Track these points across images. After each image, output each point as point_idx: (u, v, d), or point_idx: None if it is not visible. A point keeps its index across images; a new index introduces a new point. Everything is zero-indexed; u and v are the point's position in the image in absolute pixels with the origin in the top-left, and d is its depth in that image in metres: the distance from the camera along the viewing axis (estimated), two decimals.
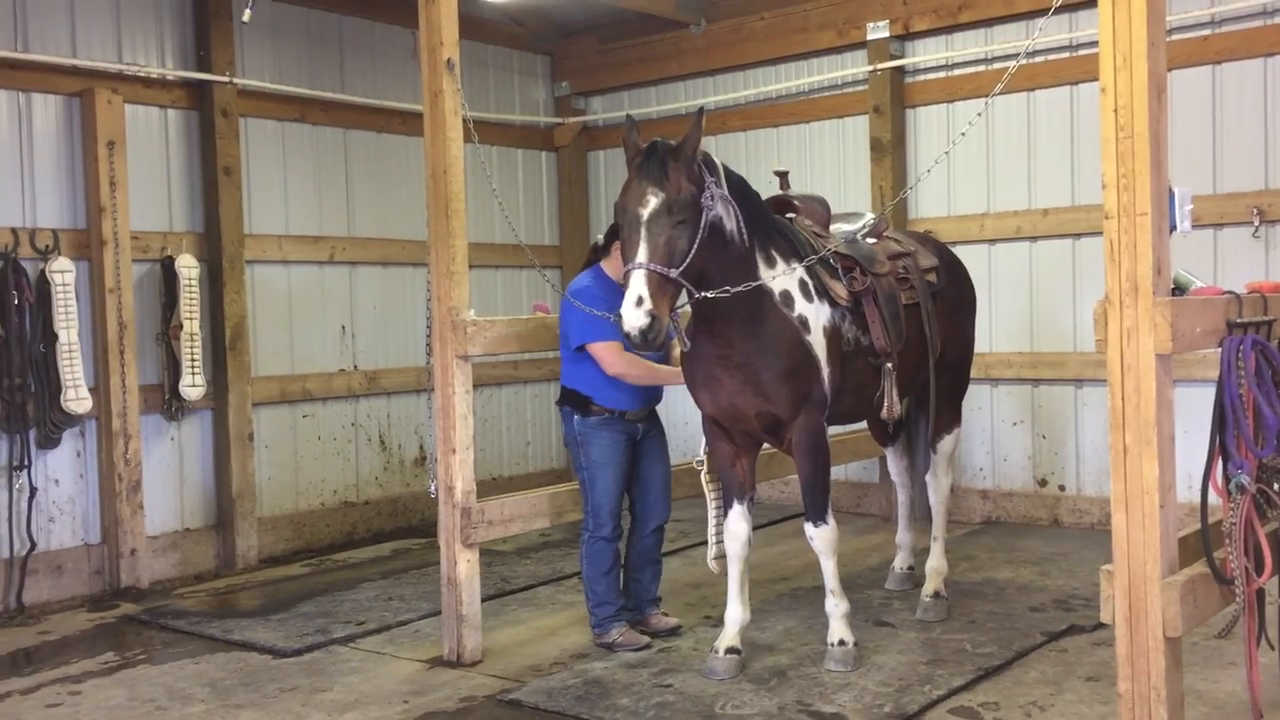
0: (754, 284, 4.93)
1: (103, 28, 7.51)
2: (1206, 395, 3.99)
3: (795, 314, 5.14)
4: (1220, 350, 3.82)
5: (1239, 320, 3.86)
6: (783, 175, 6.19)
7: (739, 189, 5.06)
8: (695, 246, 4.67)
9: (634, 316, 4.49)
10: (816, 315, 5.21)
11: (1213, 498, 3.84)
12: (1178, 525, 3.74)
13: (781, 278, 5.13)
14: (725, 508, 5.41)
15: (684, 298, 4.82)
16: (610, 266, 5.65)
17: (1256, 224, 7.27)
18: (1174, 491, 3.68)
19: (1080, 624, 5.82)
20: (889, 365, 5.48)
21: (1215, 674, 5.03)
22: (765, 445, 5.59)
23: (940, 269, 6.08)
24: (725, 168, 5.06)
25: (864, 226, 5.89)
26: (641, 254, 4.58)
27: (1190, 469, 6.26)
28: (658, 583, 6.02)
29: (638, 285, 4.52)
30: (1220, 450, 3.82)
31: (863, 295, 5.44)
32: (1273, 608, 4.17)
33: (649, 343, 4.52)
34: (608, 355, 5.48)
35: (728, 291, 4.84)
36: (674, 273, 4.60)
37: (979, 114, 6.10)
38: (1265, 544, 3.81)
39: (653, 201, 4.63)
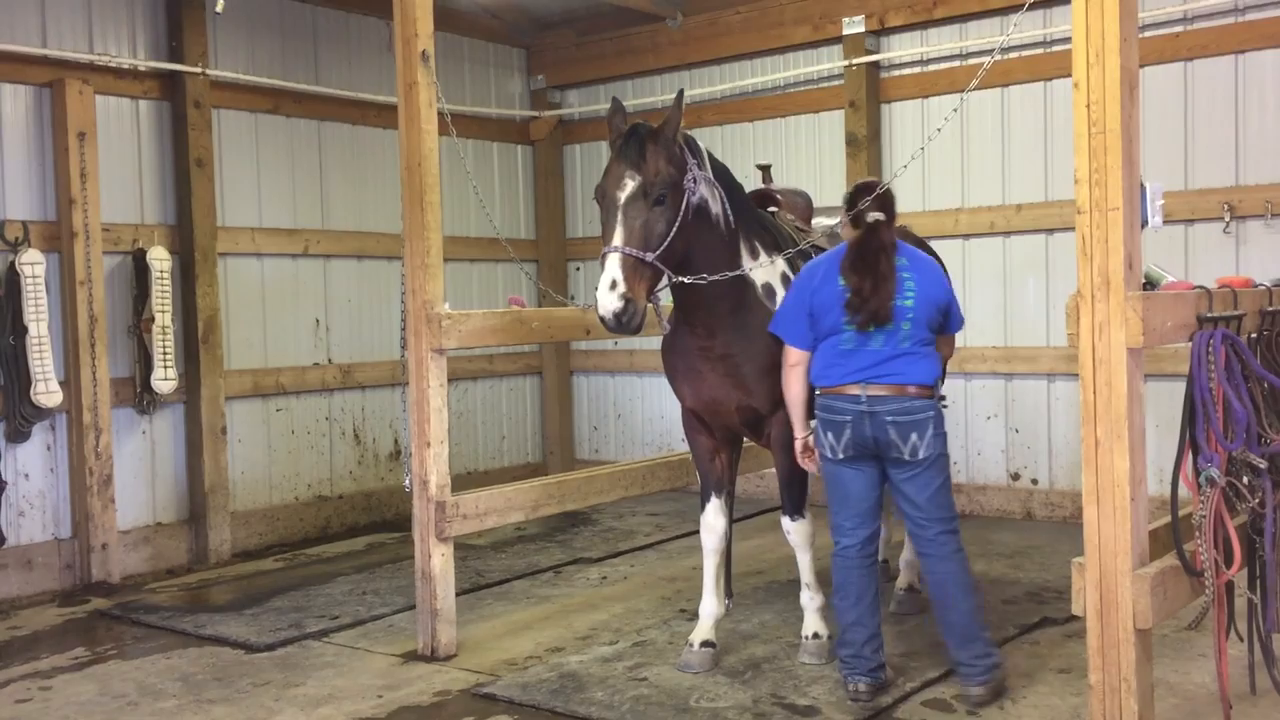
0: (732, 274, 4.92)
1: (73, 17, 7.43)
2: (1177, 390, 4.02)
3: (777, 307, 5.13)
4: (1191, 345, 3.85)
5: (1209, 315, 3.89)
6: (765, 169, 6.19)
7: (722, 176, 5.06)
8: (675, 229, 4.64)
9: (608, 300, 4.46)
10: None
11: (1183, 491, 3.87)
12: (1148, 518, 3.77)
13: (764, 270, 5.13)
14: (703, 501, 5.40)
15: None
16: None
17: (1227, 219, 7.33)
18: (1145, 485, 3.71)
19: (1052, 616, 5.86)
20: None
21: (1185, 666, 5.08)
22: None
23: None
24: (709, 153, 5.05)
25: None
26: (617, 237, 4.55)
27: (1161, 463, 6.34)
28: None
29: (612, 269, 4.50)
30: (1190, 444, 3.85)
31: None
32: (1242, 600, 4.20)
33: (624, 326, 4.47)
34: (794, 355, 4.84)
35: (705, 279, 4.81)
36: (650, 256, 4.56)
37: (955, 110, 6.13)
38: (1234, 537, 3.84)
39: (629, 184, 4.59)
